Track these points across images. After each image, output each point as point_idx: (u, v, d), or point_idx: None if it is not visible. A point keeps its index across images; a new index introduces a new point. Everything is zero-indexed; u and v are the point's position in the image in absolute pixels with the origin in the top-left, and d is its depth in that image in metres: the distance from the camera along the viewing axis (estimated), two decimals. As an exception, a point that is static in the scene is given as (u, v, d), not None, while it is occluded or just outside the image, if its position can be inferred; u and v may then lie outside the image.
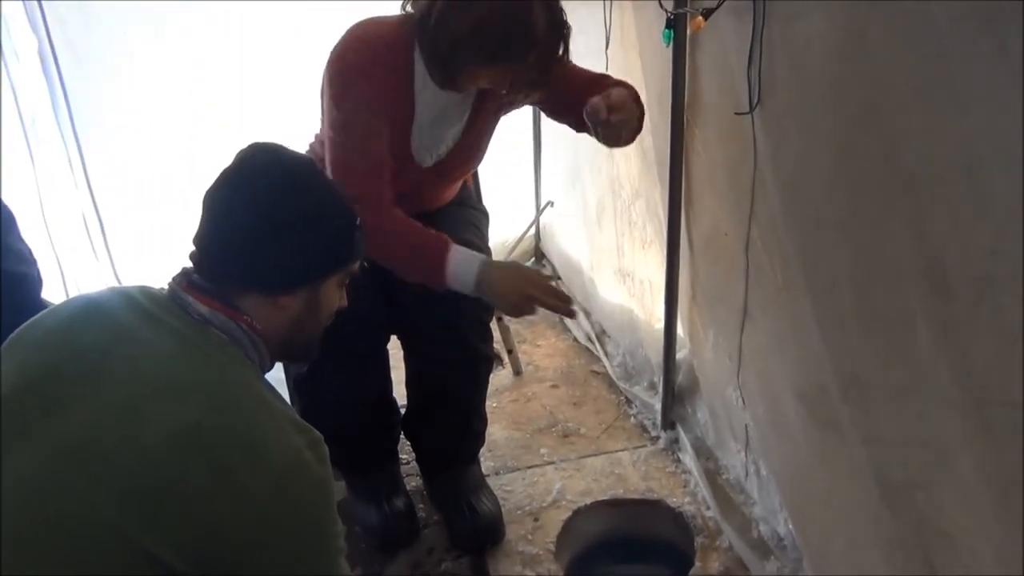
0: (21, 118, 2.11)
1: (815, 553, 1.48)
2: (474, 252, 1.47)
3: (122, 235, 2.45)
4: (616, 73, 1.97)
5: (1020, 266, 0.87)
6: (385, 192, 1.45)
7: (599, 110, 1.34)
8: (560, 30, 1.38)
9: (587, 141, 1.66)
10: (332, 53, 1.44)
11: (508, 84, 1.43)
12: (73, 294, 2.18)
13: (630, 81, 1.78)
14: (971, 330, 0.95)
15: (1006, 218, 0.87)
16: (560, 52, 1.41)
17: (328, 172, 1.44)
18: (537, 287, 1.45)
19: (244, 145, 1.07)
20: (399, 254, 1.46)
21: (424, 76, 1.46)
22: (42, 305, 1.46)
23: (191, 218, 1.05)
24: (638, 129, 1.47)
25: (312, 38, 2.24)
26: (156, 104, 2.34)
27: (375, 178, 1.44)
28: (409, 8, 1.44)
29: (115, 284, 2.38)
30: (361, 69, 1.42)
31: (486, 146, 1.67)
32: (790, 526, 1.56)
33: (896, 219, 1.05)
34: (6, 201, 1.52)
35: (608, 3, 1.89)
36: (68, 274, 2.22)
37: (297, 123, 1.82)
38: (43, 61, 2.18)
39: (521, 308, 1.46)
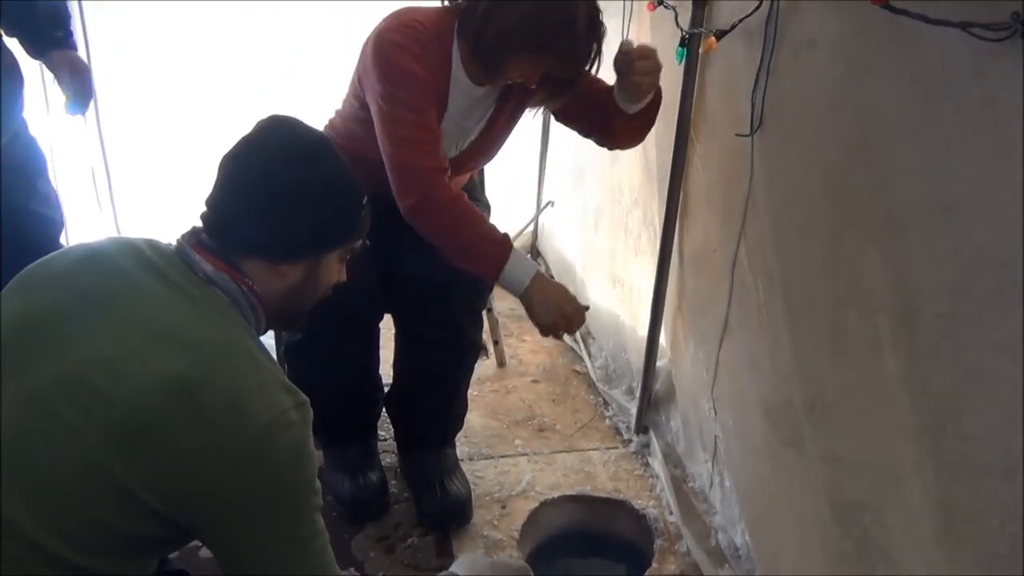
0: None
1: (766, 564, 1.53)
2: (531, 259, 1.52)
3: (128, 188, 2.48)
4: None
5: (982, 307, 0.92)
6: (446, 166, 1.48)
7: (629, 51, 1.42)
8: (597, 30, 1.43)
9: (593, 147, 1.70)
10: (374, 34, 1.46)
11: (540, 79, 1.46)
12: (72, 240, 2.21)
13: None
14: (933, 364, 1.00)
15: (974, 259, 0.92)
16: (594, 55, 1.45)
17: (385, 145, 1.46)
18: (577, 314, 1.50)
19: (261, 115, 1.10)
20: (460, 238, 1.47)
21: (459, 71, 1.49)
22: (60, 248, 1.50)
23: (197, 181, 1.09)
24: (657, 88, 1.50)
25: (341, 14, 2.28)
26: (178, 66, 2.37)
27: (436, 151, 1.46)
28: (447, 1, 1.48)
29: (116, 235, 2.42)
30: (408, 48, 1.44)
31: (500, 145, 1.70)
32: (746, 537, 1.61)
33: (876, 251, 1.09)
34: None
35: (627, 9, 1.93)
36: (69, 219, 2.24)
37: (318, 95, 1.83)
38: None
39: (556, 326, 1.50)
